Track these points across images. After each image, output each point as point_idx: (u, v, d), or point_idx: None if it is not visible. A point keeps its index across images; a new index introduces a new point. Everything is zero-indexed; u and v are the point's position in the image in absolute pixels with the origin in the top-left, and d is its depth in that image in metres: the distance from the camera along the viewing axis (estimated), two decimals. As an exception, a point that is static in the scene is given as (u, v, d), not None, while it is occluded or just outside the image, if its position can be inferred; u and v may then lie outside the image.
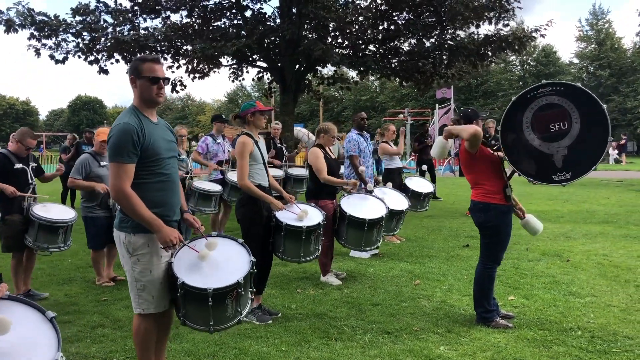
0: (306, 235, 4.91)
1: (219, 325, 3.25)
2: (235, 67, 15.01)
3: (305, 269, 6.65)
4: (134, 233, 3.14)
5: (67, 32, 12.57)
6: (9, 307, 2.04)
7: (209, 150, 8.40)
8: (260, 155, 4.89)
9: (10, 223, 5.40)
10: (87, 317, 4.95)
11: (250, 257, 3.35)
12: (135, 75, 3.20)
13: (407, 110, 38.04)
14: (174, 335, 4.28)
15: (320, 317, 4.89)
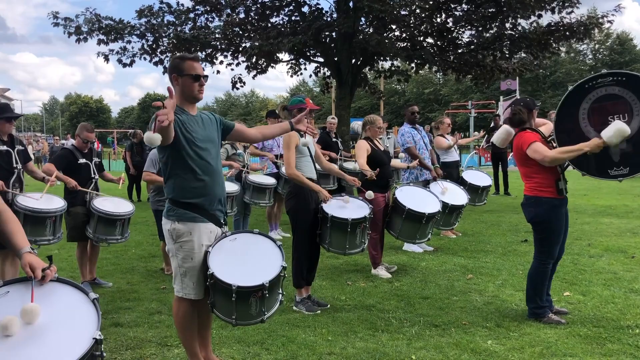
0: (351, 228, 4.96)
1: (242, 320, 3.35)
2: (293, 62, 15.18)
3: (356, 261, 6.70)
4: (178, 221, 3.32)
5: (132, 35, 13.10)
6: (57, 287, 2.21)
7: (264, 145, 8.57)
8: (306, 149, 4.97)
9: (74, 215, 5.72)
10: (146, 304, 5.21)
11: (282, 261, 3.40)
12: (177, 73, 3.34)
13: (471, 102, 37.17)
14: (225, 323, 4.43)
15: (369, 309, 4.93)
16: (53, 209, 5.23)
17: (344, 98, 13.65)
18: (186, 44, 12.57)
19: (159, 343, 4.19)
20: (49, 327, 2.07)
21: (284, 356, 3.90)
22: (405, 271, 6.28)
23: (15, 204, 5.03)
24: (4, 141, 5.11)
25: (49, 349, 1.99)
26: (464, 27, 13.52)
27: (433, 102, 57.29)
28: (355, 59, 13.45)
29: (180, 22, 13.03)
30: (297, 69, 15.56)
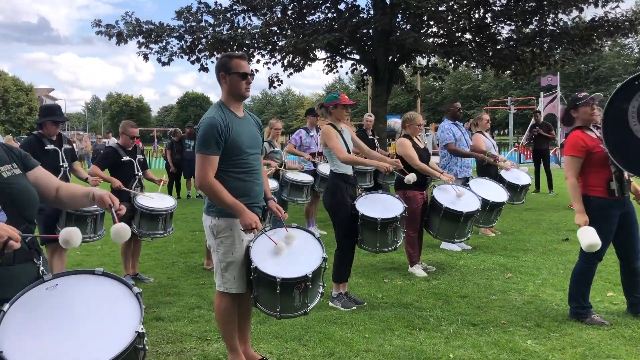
0: (381, 227, 4.94)
1: (286, 313, 3.40)
2: (329, 60, 15.20)
3: (393, 259, 6.69)
4: (219, 217, 3.39)
5: (171, 36, 13.36)
6: (103, 281, 2.27)
7: (302, 143, 8.62)
8: (344, 145, 4.98)
9: None
10: (186, 299, 5.32)
11: (323, 253, 3.45)
12: (225, 71, 3.40)
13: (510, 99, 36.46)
14: (264, 319, 4.49)
15: (406, 307, 4.92)
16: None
17: (380, 95, 13.60)
18: (224, 45, 12.73)
19: (198, 337, 4.28)
20: (95, 319, 2.13)
21: (321, 352, 3.92)
22: (443, 269, 6.23)
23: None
24: (52, 140, 5.28)
25: (93, 341, 2.05)
26: (503, 23, 13.30)
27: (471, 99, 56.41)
28: (392, 56, 13.39)
29: (218, 23, 13.21)
30: (333, 67, 15.57)
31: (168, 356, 3.91)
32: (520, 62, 13.20)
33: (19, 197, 2.26)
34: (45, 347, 2.00)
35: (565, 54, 13.42)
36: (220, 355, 3.89)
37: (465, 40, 13.72)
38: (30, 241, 2.27)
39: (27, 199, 2.29)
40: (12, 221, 2.19)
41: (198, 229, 9.33)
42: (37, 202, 2.36)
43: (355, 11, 13.31)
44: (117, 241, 2.15)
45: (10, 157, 2.36)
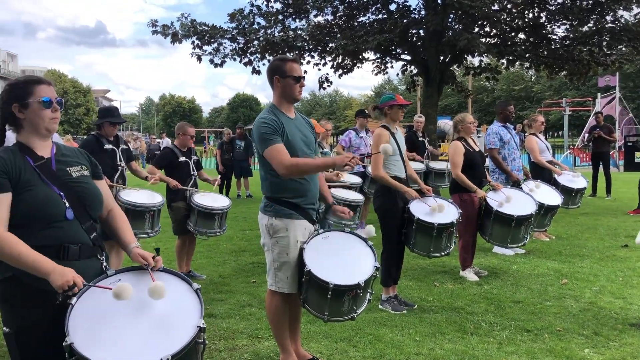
0: (437, 232, 4.89)
1: (333, 316, 3.41)
2: (379, 61, 15.15)
3: (444, 262, 6.60)
4: (276, 217, 3.44)
5: (224, 38, 13.62)
6: (164, 277, 2.35)
7: (351, 144, 8.63)
8: (397, 147, 4.96)
9: (176, 209, 6.07)
10: (237, 296, 5.41)
11: (375, 262, 3.45)
12: (280, 74, 3.45)
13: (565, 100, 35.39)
14: (314, 318, 4.51)
15: (457, 311, 4.86)
16: (152, 203, 5.54)
17: (431, 96, 13.46)
18: (275, 46, 12.88)
19: (250, 335, 4.34)
20: (156, 314, 2.20)
21: (371, 354, 3.92)
22: (496, 274, 6.11)
23: (118, 199, 5.34)
24: (109, 141, 5.47)
25: (156, 335, 2.12)
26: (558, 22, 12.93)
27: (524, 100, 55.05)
28: (443, 57, 13.23)
29: (270, 25, 13.38)
30: (383, 68, 15.51)
31: (221, 352, 3.99)
32: (576, 62, 12.82)
33: (86, 196, 2.36)
34: (111, 340, 2.08)
35: (625, 53, 12.93)
36: (271, 354, 3.95)
37: (519, 40, 13.42)
38: (94, 237, 2.36)
39: (93, 198, 2.39)
40: (79, 218, 2.29)
41: (248, 228, 9.48)
42: (102, 201, 2.46)
43: (406, 12, 13.22)
44: (154, 298, 2.17)
45: (79, 160, 2.47)
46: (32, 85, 2.31)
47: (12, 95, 2.29)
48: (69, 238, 2.26)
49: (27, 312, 2.19)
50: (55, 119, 2.34)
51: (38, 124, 2.30)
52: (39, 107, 2.28)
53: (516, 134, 7.69)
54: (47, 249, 2.19)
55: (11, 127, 2.35)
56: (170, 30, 13.44)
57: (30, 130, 2.31)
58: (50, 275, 2.09)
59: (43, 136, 2.34)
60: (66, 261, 2.22)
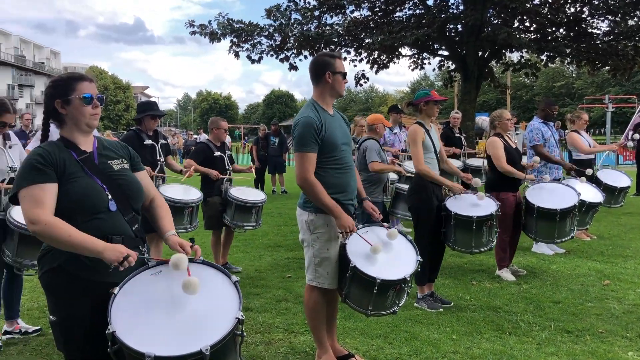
0: (477, 226, 4.81)
1: (376, 311, 3.41)
2: (416, 56, 15.01)
3: (481, 261, 6.51)
4: (316, 213, 3.46)
5: (261, 35, 13.72)
6: (204, 269, 2.38)
7: (385, 141, 8.56)
8: (431, 144, 4.90)
9: (211, 204, 6.13)
10: (273, 291, 5.45)
11: (417, 256, 3.44)
12: (330, 70, 3.46)
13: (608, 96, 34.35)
14: (349, 314, 4.52)
15: (495, 310, 4.78)
16: (191, 199, 5.62)
17: (469, 92, 13.27)
18: (311, 42, 12.90)
19: (286, 329, 4.37)
20: (196, 305, 2.23)
21: (407, 351, 3.90)
22: (534, 274, 5.99)
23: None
24: (149, 136, 5.55)
25: (196, 325, 2.15)
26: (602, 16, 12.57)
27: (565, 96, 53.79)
28: (482, 52, 13.02)
29: (306, 21, 13.40)
30: (420, 63, 15.36)
31: (257, 346, 4.02)
32: (620, 57, 12.42)
33: (128, 188, 2.40)
34: (152, 329, 2.12)
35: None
36: (307, 348, 3.96)
37: (560, 35, 13.10)
38: (136, 229, 2.40)
39: (135, 190, 2.44)
40: (122, 210, 2.34)
41: (283, 223, 9.52)
42: (143, 193, 2.50)
43: (445, 6, 13.06)
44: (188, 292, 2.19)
45: (120, 153, 2.52)
46: (74, 82, 2.36)
47: (55, 91, 2.35)
48: (112, 229, 2.30)
49: (73, 302, 2.24)
50: (95, 115, 2.39)
51: (79, 120, 2.36)
52: (80, 103, 2.34)
53: (555, 130, 7.51)
54: None
55: (55, 122, 2.41)
56: (208, 29, 13.61)
57: (72, 126, 2.37)
58: (104, 252, 2.14)
59: (84, 132, 2.39)
60: None
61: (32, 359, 3.87)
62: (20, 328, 4.33)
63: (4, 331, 4.27)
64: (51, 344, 4.08)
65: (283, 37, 13.54)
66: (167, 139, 6.09)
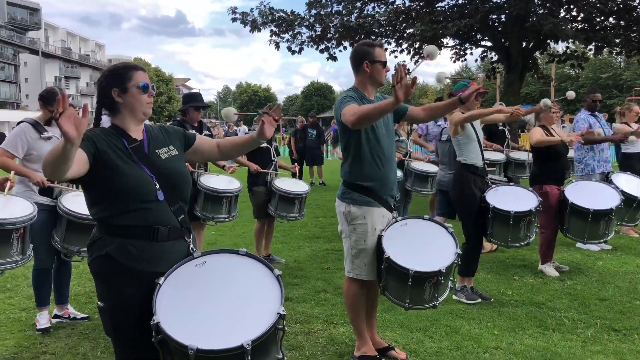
0: (514, 221, 4.71)
1: (414, 304, 3.36)
2: (458, 47, 14.76)
3: (523, 256, 6.39)
4: (353, 204, 3.44)
5: (302, 26, 13.72)
6: (245, 261, 2.39)
7: (428, 132, 8.47)
8: (474, 133, 4.83)
9: (257, 194, 6.24)
10: (312, 282, 5.47)
11: (457, 249, 3.38)
12: (369, 60, 3.44)
13: (658, 88, 33.11)
14: (389, 307, 4.50)
15: (538, 306, 4.69)
16: (229, 189, 5.67)
17: (512, 84, 12.99)
18: (352, 32, 12.83)
19: (325, 320, 4.38)
20: (238, 297, 2.25)
21: (447, 345, 3.86)
22: (579, 270, 5.84)
23: (198, 183, 5.49)
24: (193, 126, 5.62)
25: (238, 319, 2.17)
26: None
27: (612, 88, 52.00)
28: (526, 43, 12.71)
29: (348, 12, 13.33)
30: (462, 54, 15.11)
31: (297, 336, 4.05)
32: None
33: (175, 178, 2.42)
34: (195, 321, 2.14)
35: None
36: (346, 340, 3.97)
37: (609, 25, 12.66)
38: (182, 219, 2.42)
39: (181, 179, 2.46)
40: (168, 200, 2.37)
41: (322, 215, 9.55)
42: (190, 182, 2.54)
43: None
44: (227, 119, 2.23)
45: (167, 139, 2.54)
46: (130, 71, 2.39)
47: (112, 80, 2.37)
48: (158, 220, 2.32)
49: (120, 290, 2.27)
50: (150, 104, 2.43)
51: (136, 108, 2.38)
52: (138, 92, 2.37)
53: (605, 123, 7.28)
54: (139, 229, 2.28)
55: (107, 111, 2.43)
56: (249, 17, 13.68)
57: (127, 114, 2.39)
58: None
59: (139, 120, 2.42)
60: (156, 242, 2.31)
61: (79, 342, 3.99)
62: (69, 314, 4.47)
63: (54, 314, 4.43)
64: (97, 328, 4.20)
65: (323, 27, 13.51)
66: (211, 130, 6.16)
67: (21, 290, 5.27)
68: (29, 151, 4.05)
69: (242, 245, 7.11)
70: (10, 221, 3.54)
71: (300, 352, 3.79)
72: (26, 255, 3.70)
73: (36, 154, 4.06)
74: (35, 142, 4.07)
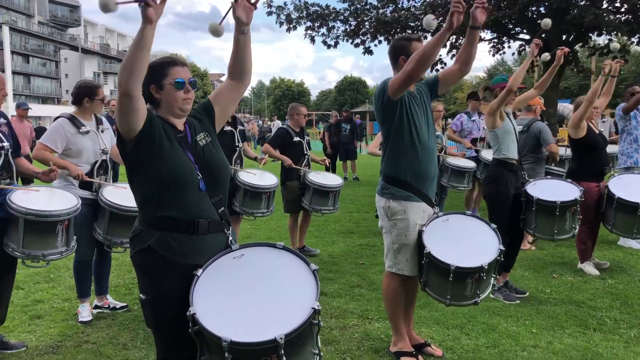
0: (560, 211, 4.60)
1: (456, 300, 3.32)
2: (495, 40, 14.49)
3: (563, 253, 6.25)
4: (393, 199, 3.42)
5: (336, 20, 13.67)
6: (282, 255, 2.39)
7: (463, 128, 8.36)
8: (512, 128, 4.75)
9: (290, 188, 6.28)
10: (346, 277, 5.47)
11: (499, 244, 3.32)
12: (405, 55, 3.40)
13: None
14: (425, 303, 4.47)
15: (578, 305, 4.59)
16: (268, 185, 5.75)
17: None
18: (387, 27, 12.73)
19: (360, 315, 4.38)
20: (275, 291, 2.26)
21: (484, 343, 3.81)
22: (621, 268, 5.69)
23: (237, 179, 5.56)
24: (228, 122, 5.66)
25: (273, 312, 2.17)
26: None
27: (656, 82, 50.41)
28: (566, 36, 12.39)
29: (382, 5, 13.23)
30: (499, 48, 14.83)
31: (332, 330, 4.06)
32: None
33: (215, 166, 2.43)
34: (230, 313, 2.16)
35: None
36: (382, 335, 3.96)
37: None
38: (222, 212, 2.43)
39: (221, 169, 2.46)
40: (210, 192, 2.38)
41: (355, 210, 9.53)
42: (229, 172, 2.54)
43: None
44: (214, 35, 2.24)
45: (201, 124, 2.52)
46: (166, 67, 2.39)
47: (150, 77, 2.35)
48: (199, 212, 2.34)
49: (161, 283, 2.30)
50: (188, 100, 2.41)
51: (172, 105, 2.39)
52: (172, 88, 2.36)
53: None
54: (179, 222, 2.30)
55: (151, 105, 2.45)
56: (285, 11, 13.69)
57: (166, 110, 2.40)
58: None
59: (178, 116, 2.43)
60: (196, 235, 2.33)
61: (120, 333, 4.08)
62: (109, 304, 4.58)
63: (95, 305, 4.54)
64: (137, 319, 4.29)
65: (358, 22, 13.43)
66: (245, 125, 6.21)
67: (63, 280, 5.42)
68: (67, 146, 4.13)
69: (277, 238, 7.15)
70: (56, 213, 3.62)
71: (335, 346, 3.79)
72: (70, 246, 3.79)
73: (75, 148, 4.15)
74: (74, 136, 4.15)
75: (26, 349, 3.78)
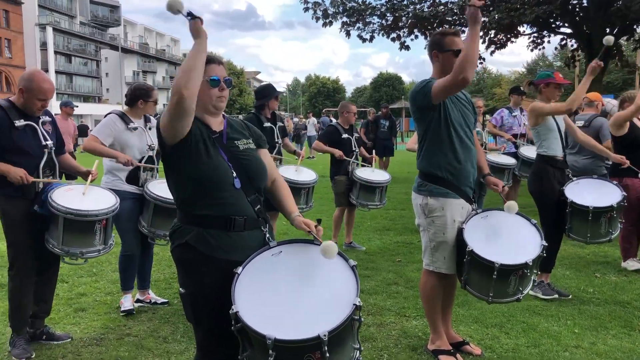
0: (593, 216, 4.46)
1: (498, 298, 3.28)
2: (535, 35, 14.18)
3: (606, 252, 6.10)
4: (430, 196, 3.39)
5: (373, 15, 13.61)
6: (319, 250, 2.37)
7: (503, 123, 8.22)
8: (555, 124, 4.65)
9: (338, 182, 6.43)
10: (383, 274, 5.45)
11: (542, 240, 3.26)
12: (437, 49, 3.37)
13: None
14: (463, 302, 4.43)
15: (622, 306, 4.47)
16: (307, 181, 5.78)
17: (594, 72, 12.34)
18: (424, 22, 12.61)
19: (397, 313, 4.36)
20: (314, 288, 2.27)
21: (525, 342, 3.75)
22: (668, 268, 5.51)
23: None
24: (268, 118, 5.72)
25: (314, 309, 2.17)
26: None
27: None
28: (610, 29, 12.04)
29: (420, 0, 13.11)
30: (540, 42, 14.50)
31: (369, 327, 4.06)
32: None
33: (252, 168, 2.46)
34: (271, 310, 2.17)
35: None
36: (419, 333, 3.93)
37: None
38: (258, 210, 2.45)
39: (258, 170, 2.49)
40: (245, 190, 2.41)
41: (391, 207, 9.47)
42: (267, 173, 2.56)
43: (568, -20, 12.20)
44: (327, 256, 2.22)
45: (246, 133, 2.58)
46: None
47: None
48: (235, 209, 2.37)
49: (199, 277, 2.34)
50: (222, 97, 2.44)
51: (206, 102, 2.41)
52: (207, 86, 2.39)
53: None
54: (216, 219, 2.34)
55: None
56: (321, 7, 13.71)
57: (200, 107, 2.40)
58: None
59: (212, 114, 2.46)
60: (232, 231, 2.35)
61: (160, 326, 4.17)
62: (150, 298, 4.69)
63: (137, 299, 4.65)
64: (177, 313, 4.38)
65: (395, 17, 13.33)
66: (284, 122, 6.28)
67: (105, 275, 5.57)
68: (114, 141, 4.31)
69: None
70: (94, 213, 3.71)
71: (372, 343, 3.79)
72: (107, 244, 3.87)
73: (119, 145, 4.32)
74: (122, 132, 4.34)
75: (71, 340, 3.91)
